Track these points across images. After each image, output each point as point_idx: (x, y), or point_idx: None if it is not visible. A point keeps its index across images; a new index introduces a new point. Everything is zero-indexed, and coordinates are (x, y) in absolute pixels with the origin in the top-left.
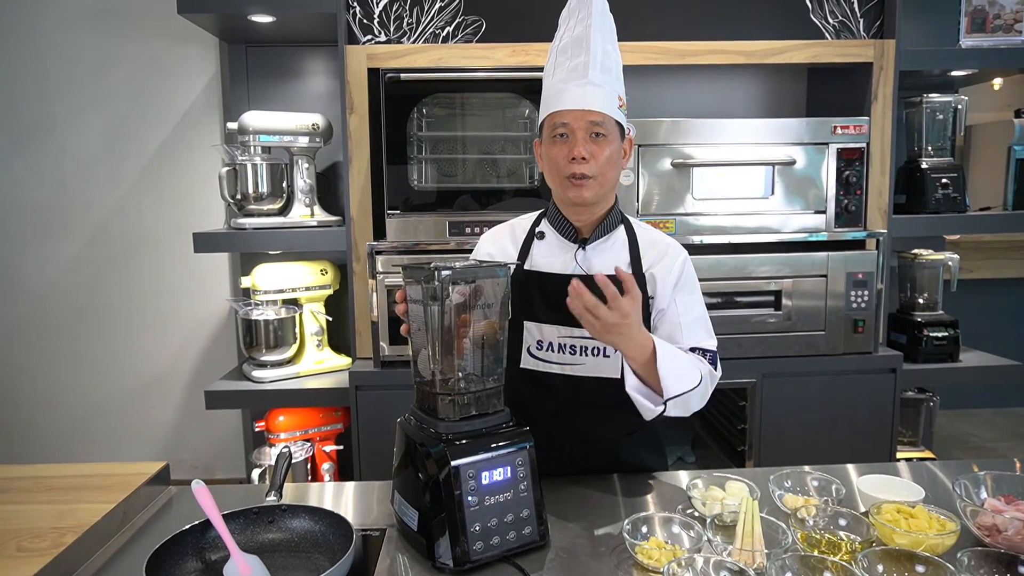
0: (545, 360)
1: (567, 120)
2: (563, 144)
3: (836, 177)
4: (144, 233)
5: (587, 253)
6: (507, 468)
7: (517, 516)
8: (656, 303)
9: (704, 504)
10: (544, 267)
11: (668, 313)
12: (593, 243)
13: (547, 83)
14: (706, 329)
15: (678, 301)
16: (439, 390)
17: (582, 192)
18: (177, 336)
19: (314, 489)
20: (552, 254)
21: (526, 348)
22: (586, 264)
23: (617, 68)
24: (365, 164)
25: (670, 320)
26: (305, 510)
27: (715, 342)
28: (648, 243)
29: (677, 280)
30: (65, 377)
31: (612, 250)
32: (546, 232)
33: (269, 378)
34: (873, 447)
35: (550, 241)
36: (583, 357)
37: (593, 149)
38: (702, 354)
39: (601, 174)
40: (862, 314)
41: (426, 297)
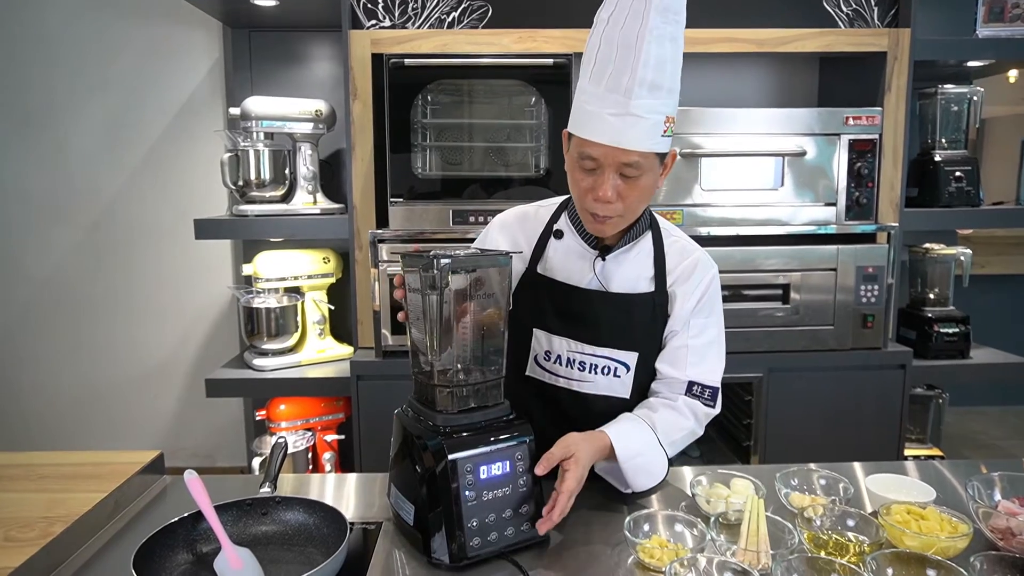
0: (552, 372)
1: (596, 155)
2: (589, 175)
3: (847, 169)
4: (146, 220)
5: (607, 265)
6: (506, 462)
7: (516, 512)
8: (671, 323)
9: (708, 502)
10: (559, 274)
11: (679, 335)
12: (615, 253)
13: (583, 84)
14: (716, 356)
15: (692, 323)
16: (437, 381)
17: (604, 229)
18: (179, 324)
19: (315, 480)
20: (569, 260)
21: (533, 356)
22: (605, 277)
23: (673, 79)
24: (368, 151)
25: (678, 342)
26: (299, 502)
27: (721, 370)
28: (676, 255)
29: (699, 301)
30: (66, 365)
31: (635, 261)
32: (565, 231)
33: (270, 367)
34: (881, 444)
35: (568, 244)
36: (593, 375)
37: (623, 188)
38: (700, 391)
39: (629, 211)
40: (872, 309)
41: (424, 286)
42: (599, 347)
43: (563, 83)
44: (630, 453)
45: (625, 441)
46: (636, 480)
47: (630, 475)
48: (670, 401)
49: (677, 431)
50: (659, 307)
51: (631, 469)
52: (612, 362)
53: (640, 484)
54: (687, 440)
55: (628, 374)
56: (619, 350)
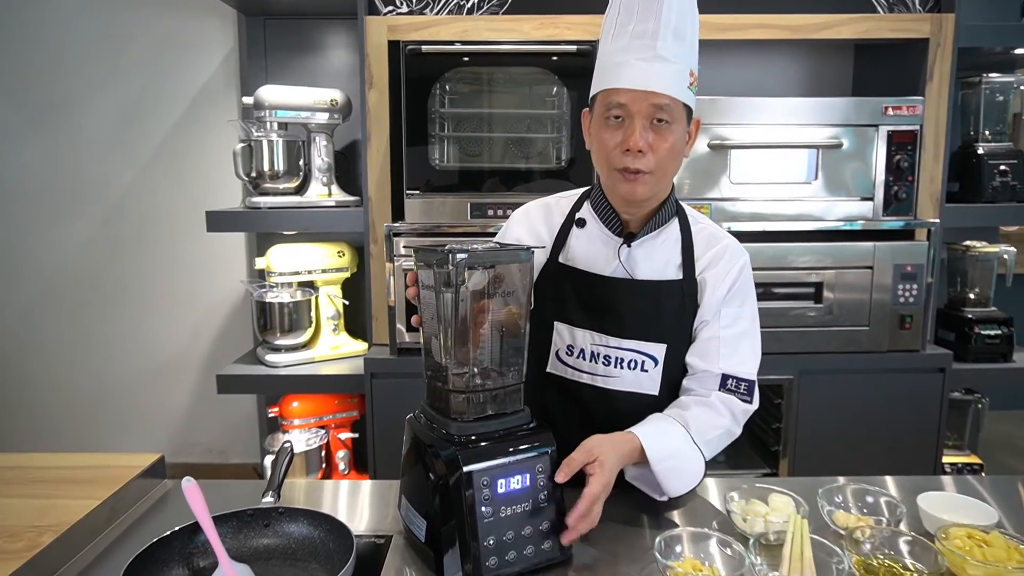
0: (575, 368)
1: (625, 101)
2: (617, 129)
3: (886, 162)
4: (159, 212)
5: (633, 252)
6: (526, 475)
7: (536, 529)
8: (701, 313)
9: (744, 520)
10: (582, 262)
11: (709, 325)
12: (641, 239)
13: (604, 47)
14: (750, 348)
15: (723, 313)
16: (452, 386)
17: (635, 188)
18: (192, 318)
19: (327, 488)
20: (592, 248)
21: (555, 351)
22: (631, 265)
23: (693, 33)
24: (384, 142)
25: (709, 333)
26: (304, 514)
27: (756, 364)
28: (704, 242)
29: (730, 288)
30: (77, 359)
31: (662, 249)
32: (588, 220)
33: (283, 363)
34: (917, 452)
35: (591, 232)
36: (619, 370)
37: (653, 139)
38: (735, 385)
39: (660, 168)
40: (910, 309)
41: (439, 283)
42: (625, 339)
43: (586, 71)
44: (662, 454)
45: (656, 442)
46: (670, 484)
47: (663, 479)
48: (703, 398)
49: (712, 429)
50: (688, 296)
51: (664, 472)
52: (639, 355)
53: (675, 488)
54: (724, 440)
55: (656, 368)
56: (646, 342)
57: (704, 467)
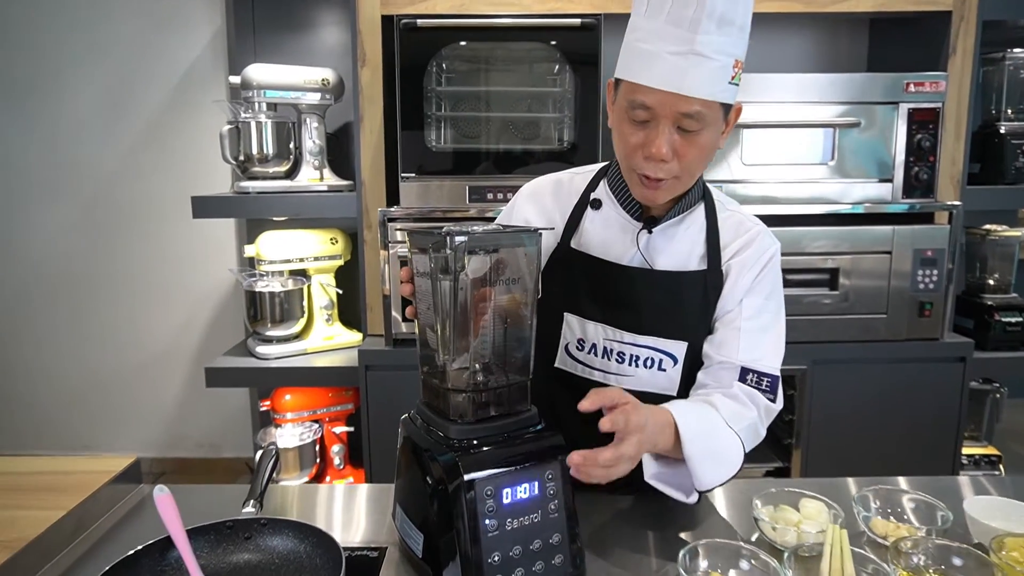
0: (586, 364)
1: (651, 104)
2: (640, 129)
3: (906, 141)
4: (146, 197)
5: (653, 239)
6: (534, 483)
7: (546, 543)
8: (722, 301)
9: (774, 528)
10: (596, 249)
11: (730, 315)
12: (663, 225)
13: (635, 21)
14: (773, 344)
15: (746, 303)
16: (451, 384)
17: (655, 195)
18: (182, 307)
19: (318, 494)
20: (609, 233)
21: (564, 345)
22: (651, 253)
23: (745, 14)
24: (378, 123)
25: (728, 324)
26: (288, 526)
27: (779, 361)
28: (732, 230)
29: (756, 278)
30: (63, 350)
31: (686, 236)
32: (604, 201)
33: (275, 354)
34: (935, 444)
35: (608, 214)
36: (634, 368)
37: (679, 146)
38: (756, 380)
39: (686, 172)
40: (929, 296)
41: (436, 270)
42: (642, 335)
43: (591, 47)
44: (696, 434)
45: (691, 420)
46: (705, 471)
47: (697, 464)
48: (726, 388)
49: (741, 419)
50: (712, 289)
51: (698, 455)
52: (657, 353)
53: (710, 477)
54: (753, 435)
55: (675, 367)
56: (665, 339)
57: (743, 454)
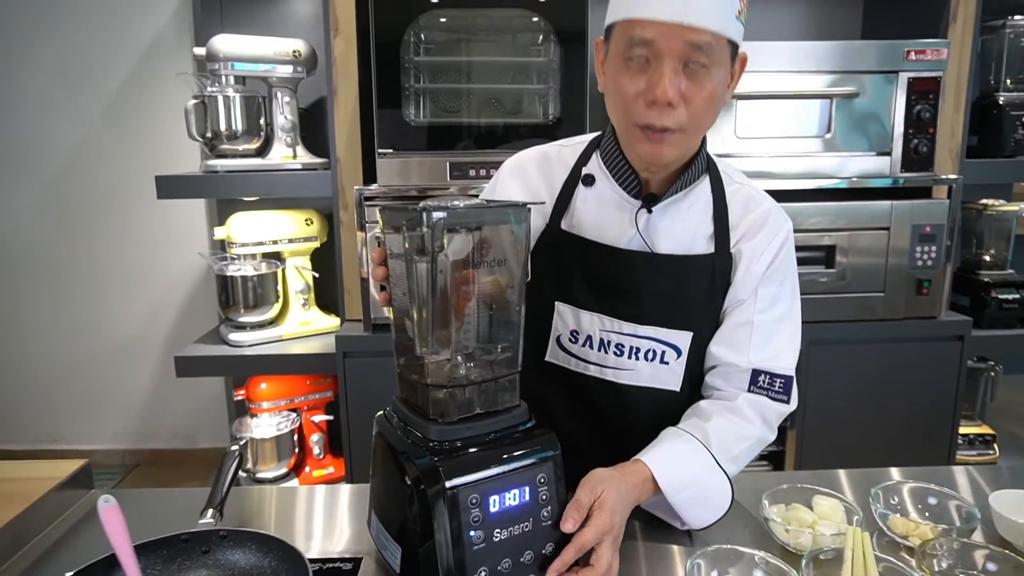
0: (580, 358)
1: (651, 37)
2: (640, 73)
3: (905, 112)
4: (111, 177)
5: (653, 218)
6: (525, 488)
7: (538, 553)
8: (734, 291)
9: (787, 530)
10: (590, 231)
11: (742, 307)
12: (664, 203)
13: None
14: (788, 337)
15: (760, 293)
16: (430, 380)
17: (660, 151)
18: (152, 293)
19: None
20: (603, 213)
21: (555, 337)
22: (651, 235)
23: None
24: (353, 96)
25: (741, 317)
26: (250, 538)
27: (795, 357)
28: (742, 206)
29: (771, 263)
30: (28, 338)
31: (690, 215)
32: (598, 177)
33: (248, 341)
34: (932, 425)
35: (602, 192)
36: (633, 361)
37: (687, 88)
38: (767, 382)
39: (694, 124)
40: (928, 273)
41: (411, 250)
42: (642, 325)
43: (577, 14)
44: (679, 483)
45: (671, 469)
46: (691, 516)
47: (683, 511)
48: (727, 401)
49: (739, 442)
50: (720, 274)
51: (683, 504)
52: (659, 344)
53: (698, 520)
54: (754, 451)
55: (679, 360)
56: (668, 329)
57: (732, 493)
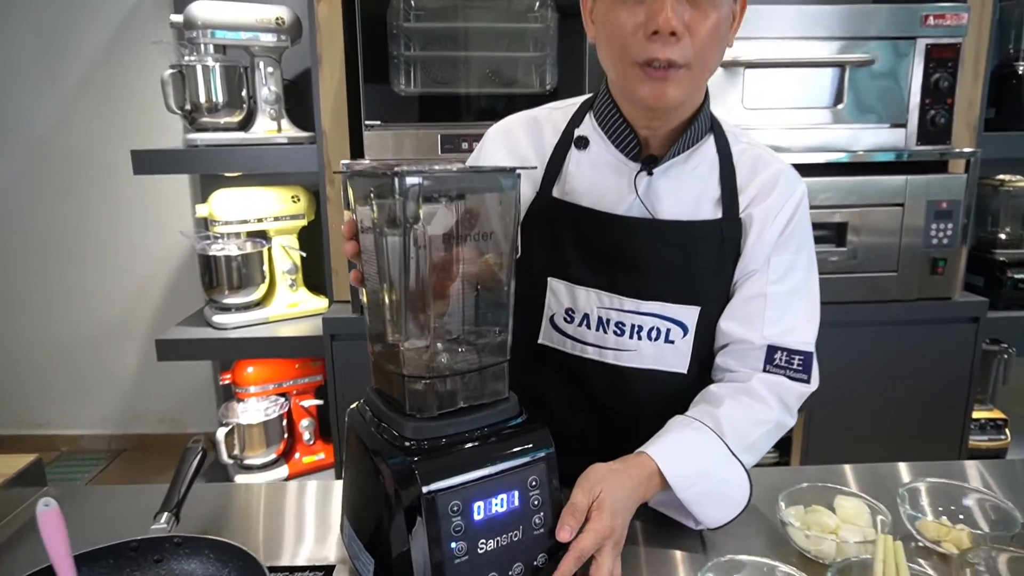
0: (577, 339)
1: None
2: (637, 5)
3: (922, 81)
4: (90, 153)
5: (655, 182)
6: (514, 493)
7: (529, 565)
8: (744, 261)
9: (807, 536)
10: (585, 197)
11: (754, 278)
12: (666, 164)
13: None
14: (805, 310)
15: (773, 262)
16: (407, 370)
17: (664, 90)
18: (137, 273)
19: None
20: (599, 177)
21: (549, 317)
22: (652, 200)
23: None
24: (339, 65)
25: (753, 289)
26: (207, 545)
27: (814, 331)
28: (750, 167)
29: (784, 229)
30: (10, 319)
31: (694, 177)
32: (592, 138)
33: (233, 324)
34: (945, 408)
35: (597, 155)
36: (636, 341)
37: (692, 19)
38: (785, 359)
39: (699, 60)
40: (943, 252)
41: (382, 222)
42: (645, 301)
43: None
44: (689, 478)
45: (680, 462)
46: (706, 513)
47: (695, 508)
48: (740, 383)
49: (754, 428)
50: (729, 241)
51: (695, 500)
52: (664, 322)
53: (713, 519)
54: (772, 437)
55: (685, 339)
56: (673, 304)
57: (750, 487)
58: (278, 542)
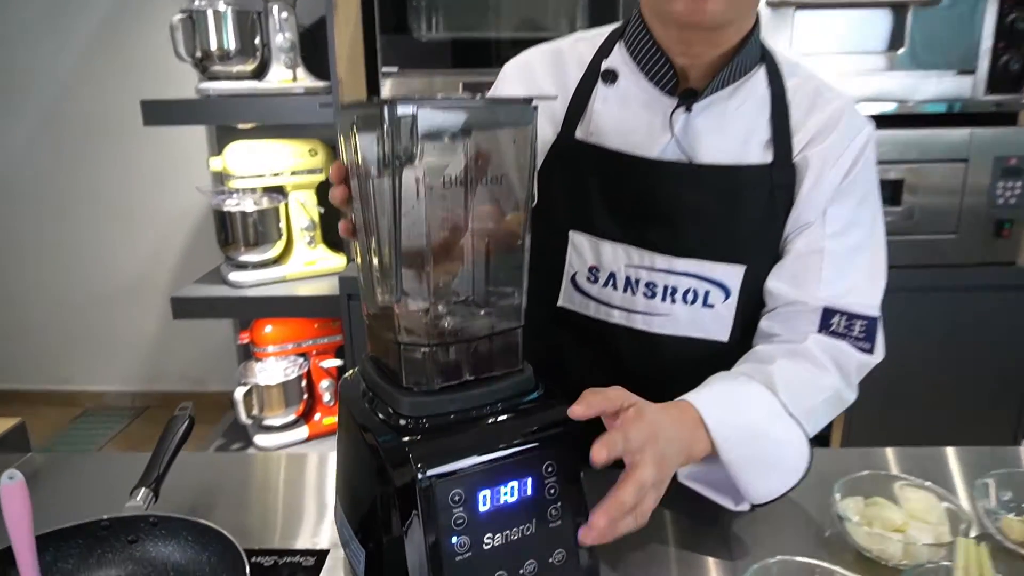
0: (602, 302)
1: None
2: None
3: (996, 22)
4: (105, 108)
5: (694, 120)
6: (527, 480)
7: (544, 563)
8: (798, 212)
9: (868, 533)
10: (613, 138)
11: (809, 231)
12: (707, 99)
13: None
14: (868, 269)
15: (831, 213)
16: (403, 336)
17: (702, 3)
18: (154, 230)
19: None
20: (629, 115)
21: (570, 276)
22: (691, 141)
23: None
24: (355, 8)
25: (808, 243)
26: (185, 526)
27: (879, 294)
28: (807, 103)
29: (847, 174)
30: (30, 277)
31: (740, 115)
32: (621, 71)
33: (250, 282)
34: (1003, 384)
35: (627, 89)
36: (669, 304)
37: None
38: (845, 324)
39: None
40: (1010, 213)
41: (368, 161)
42: (681, 258)
43: None
44: (738, 431)
45: (726, 413)
46: (755, 483)
47: (743, 475)
48: (794, 345)
49: (814, 392)
50: (780, 190)
51: (743, 463)
52: (702, 283)
53: (763, 489)
54: (832, 409)
55: (727, 302)
56: (713, 262)
57: (809, 451)
58: (272, 521)
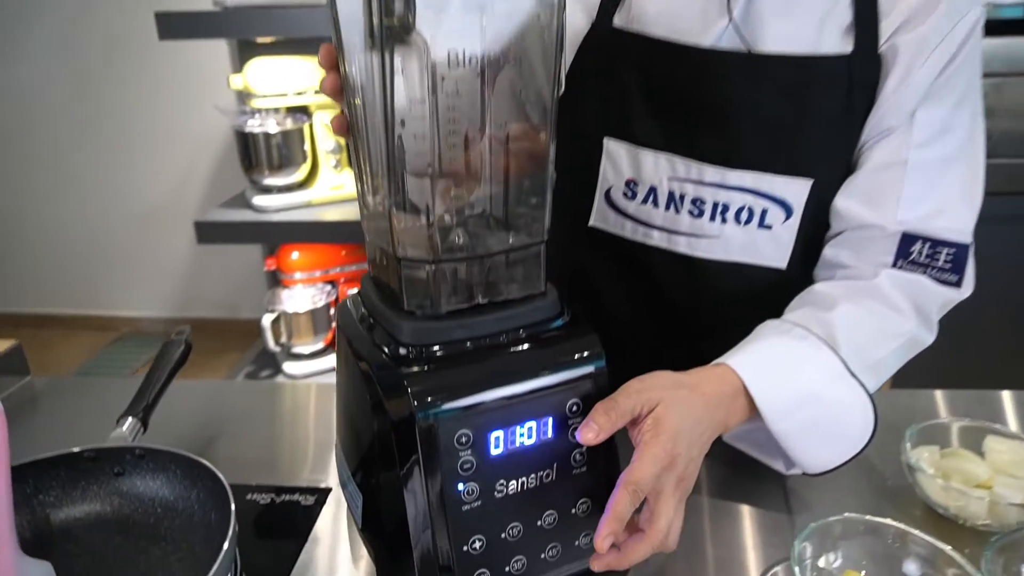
0: (640, 221)
1: None
2: None
3: None
4: (127, 27)
5: (754, 5)
6: (546, 420)
7: (565, 513)
8: (879, 112)
9: (944, 488)
10: (656, 25)
11: (890, 139)
12: None
13: None
14: (961, 187)
15: (919, 118)
16: (406, 251)
17: None
18: (181, 153)
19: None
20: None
21: (604, 191)
22: (751, 27)
23: None
24: None
25: (888, 155)
26: (173, 460)
27: (973, 216)
28: None
29: (943, 70)
30: (58, 201)
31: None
32: None
33: (275, 206)
34: None
35: None
36: (719, 224)
37: None
38: (928, 253)
39: None
40: None
41: (353, 33)
42: (734, 169)
43: None
44: (787, 402)
45: (773, 379)
46: (807, 453)
47: (794, 446)
48: (864, 283)
49: (883, 341)
50: (861, 88)
51: (793, 433)
52: (759, 199)
53: (817, 460)
54: (903, 356)
55: (788, 223)
56: (774, 175)
57: (874, 417)
58: (276, 454)
